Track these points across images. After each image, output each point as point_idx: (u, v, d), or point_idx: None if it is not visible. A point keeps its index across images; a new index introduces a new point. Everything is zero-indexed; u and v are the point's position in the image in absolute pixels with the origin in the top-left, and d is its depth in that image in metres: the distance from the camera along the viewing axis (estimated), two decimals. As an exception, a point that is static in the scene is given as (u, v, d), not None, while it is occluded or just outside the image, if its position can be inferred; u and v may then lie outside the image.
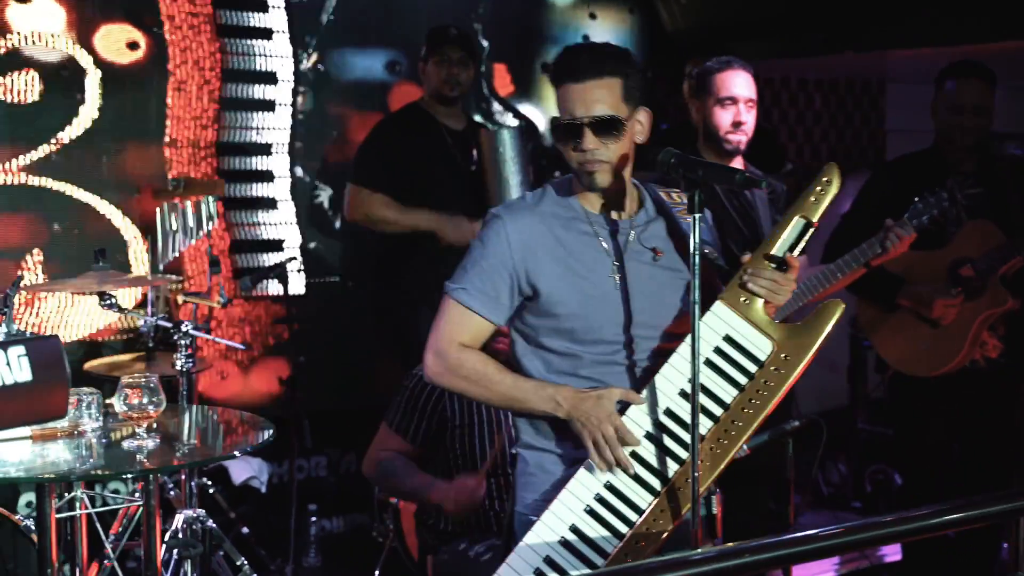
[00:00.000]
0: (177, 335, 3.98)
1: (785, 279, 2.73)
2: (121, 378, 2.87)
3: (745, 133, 4.07)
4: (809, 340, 2.71)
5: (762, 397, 2.71)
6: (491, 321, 2.79)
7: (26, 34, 4.71)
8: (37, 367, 2.13)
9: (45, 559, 2.73)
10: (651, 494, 2.71)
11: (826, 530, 2.43)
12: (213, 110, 5.15)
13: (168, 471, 2.95)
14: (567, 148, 2.74)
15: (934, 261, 4.42)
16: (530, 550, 2.69)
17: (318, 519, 5.24)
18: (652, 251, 2.81)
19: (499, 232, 2.76)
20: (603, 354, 2.77)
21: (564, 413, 2.73)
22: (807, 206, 2.75)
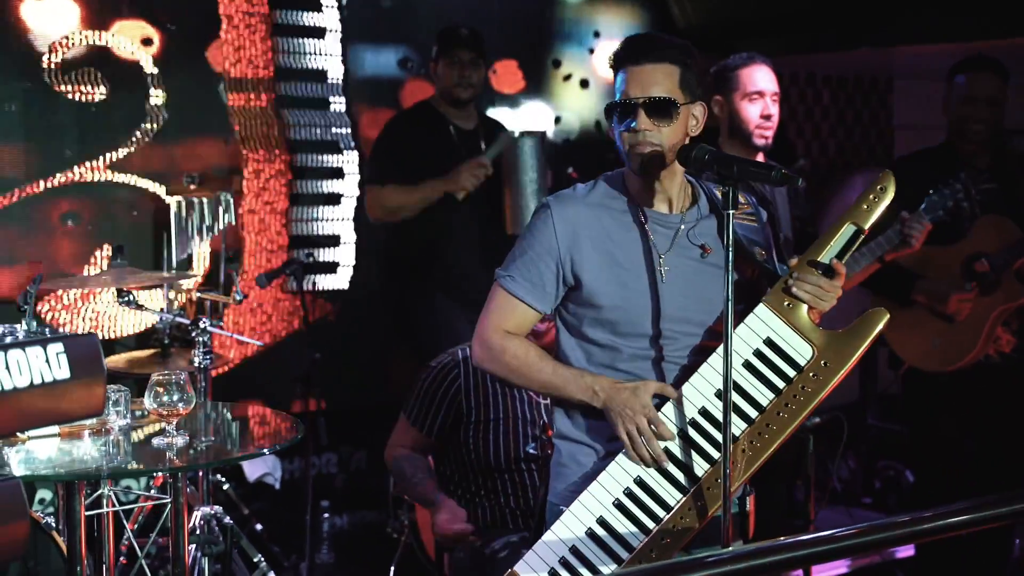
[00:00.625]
0: (195, 332, 3.98)
1: (831, 285, 2.72)
2: (151, 375, 2.86)
3: (773, 127, 4.09)
4: (851, 348, 2.71)
5: (799, 403, 2.69)
6: (536, 309, 2.81)
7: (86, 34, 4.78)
8: (75, 364, 2.11)
9: (75, 556, 2.72)
10: (680, 491, 2.71)
11: (844, 530, 2.40)
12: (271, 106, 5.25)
13: (198, 468, 2.94)
14: (620, 131, 2.74)
15: (949, 256, 4.43)
16: (557, 539, 2.70)
17: (330, 516, 5.23)
18: (700, 247, 2.80)
19: (546, 221, 2.78)
20: (643, 348, 2.77)
21: (600, 402, 2.73)
22: (860, 213, 2.74)
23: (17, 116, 4.73)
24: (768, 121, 4.07)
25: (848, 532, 2.42)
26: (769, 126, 4.08)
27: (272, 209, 5.24)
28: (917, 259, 4.37)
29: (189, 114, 5.07)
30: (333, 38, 5.38)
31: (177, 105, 5.01)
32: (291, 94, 5.31)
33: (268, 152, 5.21)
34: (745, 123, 4.08)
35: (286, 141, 5.27)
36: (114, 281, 3.90)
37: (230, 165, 5.14)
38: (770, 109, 4.07)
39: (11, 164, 4.72)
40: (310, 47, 5.34)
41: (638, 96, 2.71)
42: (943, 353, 4.46)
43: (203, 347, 3.98)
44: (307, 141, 5.35)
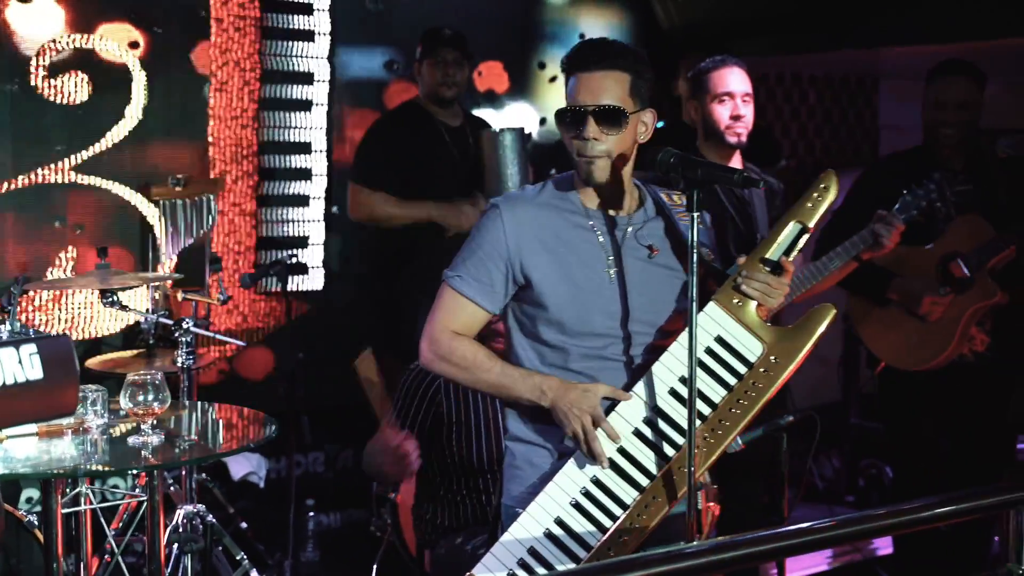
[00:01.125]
0: (178, 332, 4.02)
1: (779, 283, 2.76)
2: (127, 375, 2.90)
3: (745, 126, 4.14)
4: (799, 343, 2.75)
5: (750, 398, 2.75)
6: (485, 309, 2.83)
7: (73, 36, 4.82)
8: (48, 365, 2.16)
9: (51, 553, 2.76)
10: (636, 490, 2.75)
11: (820, 523, 2.45)
12: (253, 110, 5.28)
13: (172, 467, 2.98)
14: (569, 137, 2.78)
15: (924, 256, 4.47)
16: (515, 541, 2.73)
17: (316, 514, 5.27)
18: (648, 248, 2.85)
19: (495, 221, 2.81)
20: (593, 348, 2.80)
21: (548, 402, 2.76)
22: (804, 211, 2.78)
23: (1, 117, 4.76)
24: (739, 121, 4.12)
25: (822, 525, 2.47)
26: (740, 126, 4.13)
27: (240, 211, 5.26)
28: (893, 258, 4.41)
29: (172, 116, 5.10)
30: (322, 41, 5.41)
31: (160, 107, 5.05)
32: (275, 96, 5.33)
33: (237, 153, 5.23)
34: (716, 124, 4.14)
35: (258, 143, 5.29)
36: (98, 282, 3.95)
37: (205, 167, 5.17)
38: (740, 110, 4.12)
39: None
40: (298, 50, 5.37)
41: (588, 104, 2.74)
42: (918, 352, 4.50)
43: (186, 347, 4.03)
44: (278, 142, 5.37)
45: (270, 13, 5.30)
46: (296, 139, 5.42)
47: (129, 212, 5.01)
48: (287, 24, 5.35)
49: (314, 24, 5.41)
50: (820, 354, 6.58)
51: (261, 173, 5.33)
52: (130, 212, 5.01)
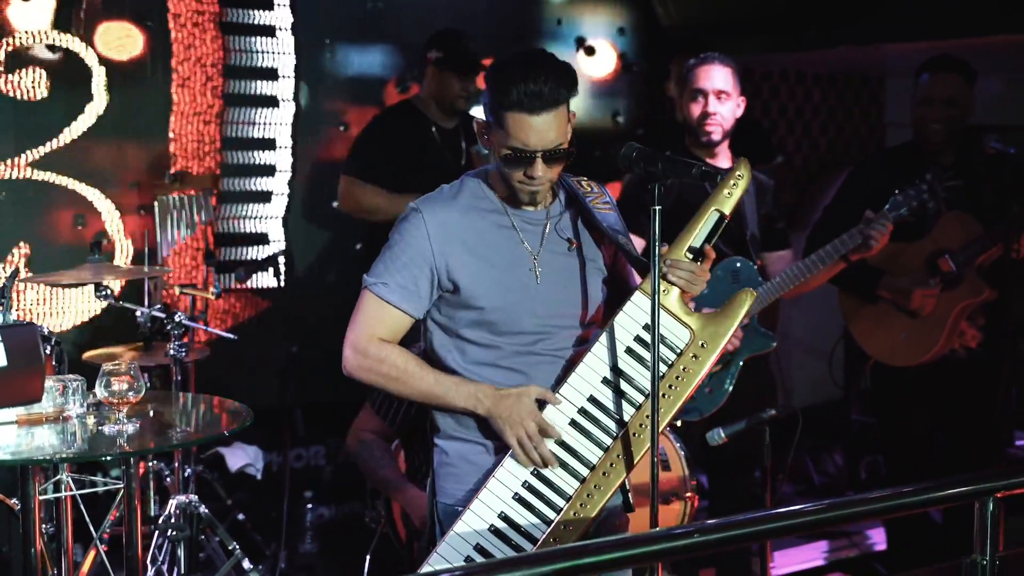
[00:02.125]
0: (170, 325, 4.10)
1: (702, 270, 2.80)
2: (103, 365, 2.97)
3: (718, 123, 4.19)
4: (724, 328, 2.80)
5: (681, 383, 2.79)
6: (410, 315, 2.81)
7: (32, 31, 4.83)
8: (12, 353, 2.23)
9: (28, 539, 2.83)
10: (577, 480, 2.78)
11: (807, 506, 2.48)
12: (218, 106, 5.28)
13: (145, 453, 3.05)
14: (515, 173, 2.75)
15: (913, 252, 4.49)
16: (460, 539, 2.74)
17: (314, 506, 5.33)
18: (568, 241, 2.87)
19: (418, 226, 2.79)
20: (523, 344, 2.82)
21: (484, 410, 2.76)
22: (721, 199, 2.81)
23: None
24: (710, 118, 4.17)
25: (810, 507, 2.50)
26: (711, 123, 4.18)
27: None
28: (882, 255, 4.43)
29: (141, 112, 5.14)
30: (284, 36, 5.43)
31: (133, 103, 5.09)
32: (239, 92, 5.35)
33: (198, 149, 5.25)
34: (690, 121, 4.22)
35: (220, 138, 5.31)
36: (92, 276, 4.02)
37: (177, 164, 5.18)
38: (711, 107, 4.17)
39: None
40: (260, 45, 5.38)
41: (537, 148, 2.71)
42: (908, 348, 4.53)
43: (177, 340, 4.11)
44: (241, 138, 5.37)
45: (229, 8, 5.30)
46: (260, 135, 5.42)
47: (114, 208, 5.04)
48: (247, 19, 5.34)
49: (275, 19, 5.41)
50: (822, 350, 6.66)
51: (223, 170, 5.32)
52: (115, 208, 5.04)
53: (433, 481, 2.90)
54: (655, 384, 2.70)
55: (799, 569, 5.29)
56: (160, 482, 4.44)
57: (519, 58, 2.77)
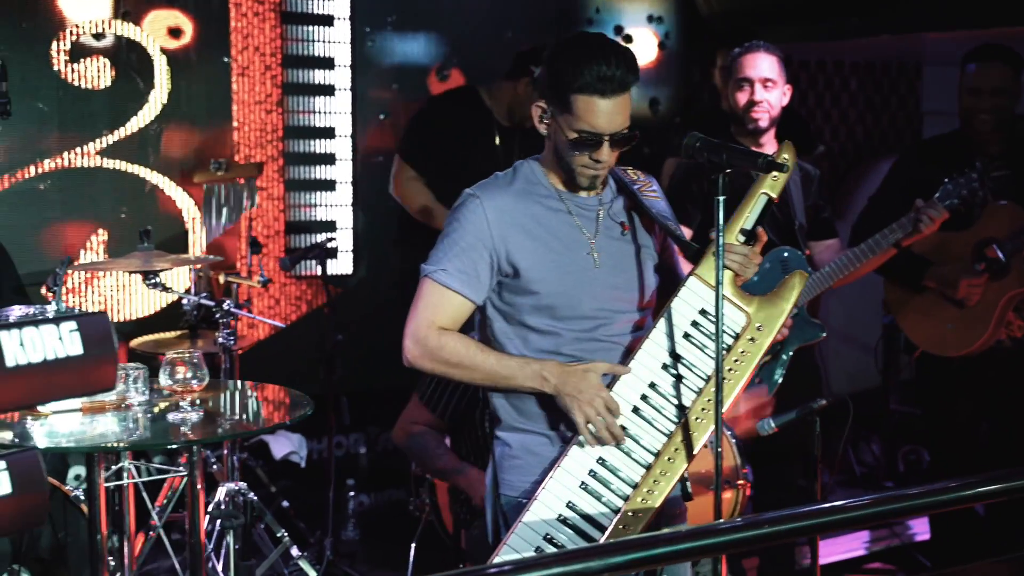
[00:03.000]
0: (219, 313, 4.12)
1: (754, 253, 2.81)
2: (166, 354, 2.99)
3: (765, 111, 4.19)
4: (779, 310, 2.82)
5: (740, 367, 2.80)
6: (471, 300, 2.79)
7: (94, 21, 4.88)
8: (88, 341, 2.22)
9: (95, 526, 2.85)
10: (642, 467, 2.78)
11: (853, 501, 2.47)
12: (277, 95, 5.32)
13: (211, 442, 3.06)
14: (581, 156, 2.76)
15: (960, 242, 4.47)
16: (529, 529, 2.73)
17: (355, 494, 5.35)
18: (620, 225, 2.88)
19: (476, 211, 2.78)
20: (583, 330, 2.81)
21: (551, 388, 2.74)
22: (768, 183, 2.83)
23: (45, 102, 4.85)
24: (756, 107, 4.18)
25: (856, 503, 2.49)
26: (758, 111, 4.19)
27: (268, 195, 5.33)
28: (929, 245, 4.42)
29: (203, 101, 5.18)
30: (342, 25, 5.46)
31: (194, 92, 5.14)
32: (297, 81, 5.39)
33: (261, 137, 5.29)
34: (736, 109, 4.22)
35: (283, 127, 5.35)
36: (142, 264, 4.04)
37: (237, 152, 5.25)
38: (758, 95, 4.18)
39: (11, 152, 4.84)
40: (318, 34, 5.41)
41: (606, 131, 2.73)
42: (955, 338, 4.50)
43: (226, 328, 4.12)
44: (303, 127, 5.41)
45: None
46: (320, 124, 5.46)
47: (158, 196, 5.10)
48: (306, 8, 5.39)
49: (333, 8, 5.44)
50: (859, 340, 6.64)
51: (286, 158, 5.38)
52: (158, 196, 5.10)
53: (495, 474, 2.89)
54: (719, 371, 2.69)
55: (840, 559, 5.28)
56: (206, 469, 4.46)
57: (586, 41, 2.78)
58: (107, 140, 4.97)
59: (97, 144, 4.96)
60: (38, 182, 4.87)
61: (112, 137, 4.98)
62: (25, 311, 3.43)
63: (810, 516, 2.48)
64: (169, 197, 5.11)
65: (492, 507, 2.91)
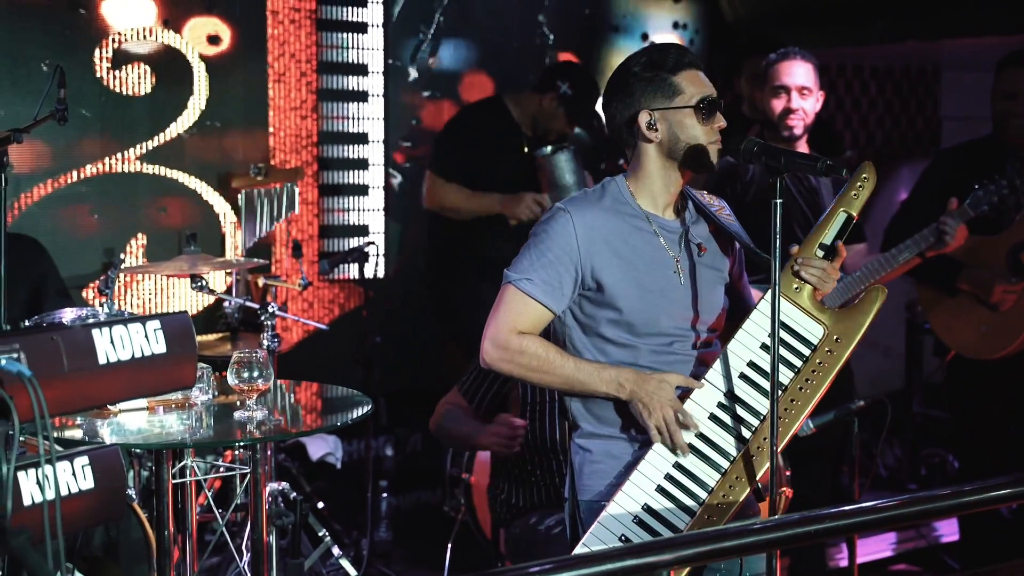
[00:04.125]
0: (264, 316, 4.17)
1: (833, 268, 2.89)
2: (233, 354, 3.04)
3: (800, 119, 4.26)
4: (858, 324, 2.89)
5: (817, 377, 2.87)
6: (552, 310, 2.87)
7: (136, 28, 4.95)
8: (171, 340, 2.29)
9: (162, 522, 2.90)
10: (717, 472, 2.85)
11: (886, 501, 2.54)
12: (312, 101, 5.39)
13: (278, 439, 3.11)
14: (709, 127, 2.87)
15: (994, 246, 4.52)
16: (604, 529, 2.80)
17: (388, 495, 5.39)
18: (698, 247, 2.97)
19: (566, 225, 2.86)
20: (660, 345, 2.89)
21: (626, 394, 2.82)
22: (848, 200, 2.92)
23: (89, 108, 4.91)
24: (792, 115, 4.25)
25: (890, 503, 2.55)
26: (794, 119, 4.25)
27: (302, 199, 5.38)
28: (963, 248, 4.47)
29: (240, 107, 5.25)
30: (376, 33, 5.52)
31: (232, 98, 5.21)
32: (331, 87, 5.46)
33: (297, 143, 5.36)
34: (771, 116, 4.28)
35: (317, 132, 5.41)
36: (188, 267, 4.10)
37: (274, 157, 5.31)
38: (794, 103, 4.24)
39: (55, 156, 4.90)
40: (353, 41, 5.48)
41: (716, 94, 2.90)
42: (988, 341, 4.55)
43: (271, 330, 4.17)
44: (337, 133, 5.48)
45: (325, 5, 5.41)
46: (353, 129, 5.52)
47: (198, 200, 5.16)
48: (341, 16, 5.45)
49: (368, 15, 5.51)
50: (884, 345, 6.67)
51: (321, 163, 5.45)
52: (198, 200, 5.16)
53: (573, 482, 2.95)
54: (774, 375, 2.75)
55: (866, 560, 5.32)
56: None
57: (642, 49, 2.99)
58: (147, 146, 5.04)
59: (138, 150, 5.02)
60: (80, 186, 4.93)
61: (152, 143, 5.04)
62: (77, 314, 3.49)
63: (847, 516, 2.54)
64: (207, 202, 5.18)
65: (571, 513, 2.98)
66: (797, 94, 4.25)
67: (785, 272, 2.89)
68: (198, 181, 5.15)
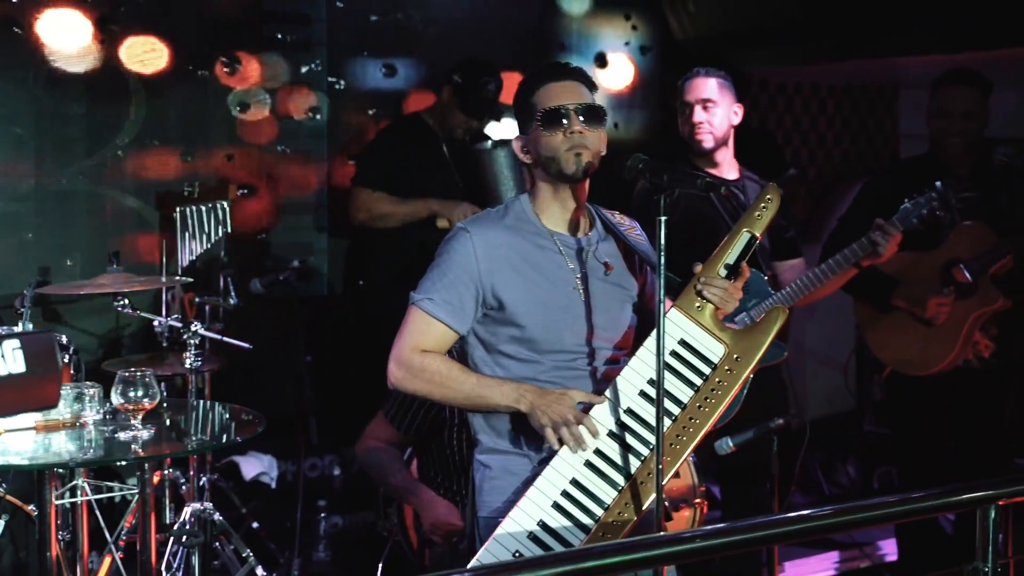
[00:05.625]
0: (187, 335, 4.16)
1: (735, 288, 2.89)
2: (118, 373, 3.02)
3: (708, 131, 4.30)
4: (758, 343, 2.88)
5: (716, 396, 2.86)
6: (455, 330, 2.89)
7: (70, 48, 4.93)
8: (31, 359, 2.27)
9: (44, 543, 2.88)
10: (614, 489, 2.83)
11: (815, 511, 2.53)
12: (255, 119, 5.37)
13: (159, 459, 3.10)
14: (556, 137, 2.85)
15: (928, 262, 4.51)
16: (499, 545, 2.79)
17: (328, 515, 5.37)
18: (604, 265, 2.96)
19: (466, 245, 2.87)
20: (563, 361, 2.90)
21: (527, 405, 2.82)
22: (752, 220, 2.92)
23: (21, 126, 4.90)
24: (697, 128, 4.29)
25: (819, 513, 2.54)
26: (700, 133, 4.30)
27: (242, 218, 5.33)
28: (897, 264, 4.47)
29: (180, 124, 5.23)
30: (319, 52, 5.52)
31: (171, 117, 5.19)
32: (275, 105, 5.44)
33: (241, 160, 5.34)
34: (683, 134, 4.33)
35: (260, 150, 5.40)
36: (111, 286, 4.08)
37: (214, 176, 5.29)
38: (696, 116, 4.29)
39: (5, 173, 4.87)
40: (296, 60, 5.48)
41: (570, 103, 2.86)
42: (922, 357, 4.54)
43: (194, 349, 4.16)
44: (281, 151, 5.46)
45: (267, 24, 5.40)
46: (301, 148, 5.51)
47: (134, 219, 5.14)
48: (286, 35, 5.44)
49: (311, 35, 5.51)
50: (837, 362, 6.65)
51: (264, 181, 5.42)
52: (135, 219, 5.15)
53: (474, 497, 2.96)
54: (659, 390, 2.73)
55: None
56: (176, 490, 4.50)
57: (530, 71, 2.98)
58: (83, 164, 5.01)
59: (74, 168, 5.00)
60: (14, 204, 4.91)
61: (89, 161, 5.02)
62: (-9, 332, 3.48)
63: (773, 525, 2.53)
64: (145, 220, 5.16)
65: (470, 529, 2.99)
66: (700, 108, 4.29)
67: (688, 291, 2.89)
68: (135, 199, 5.13)
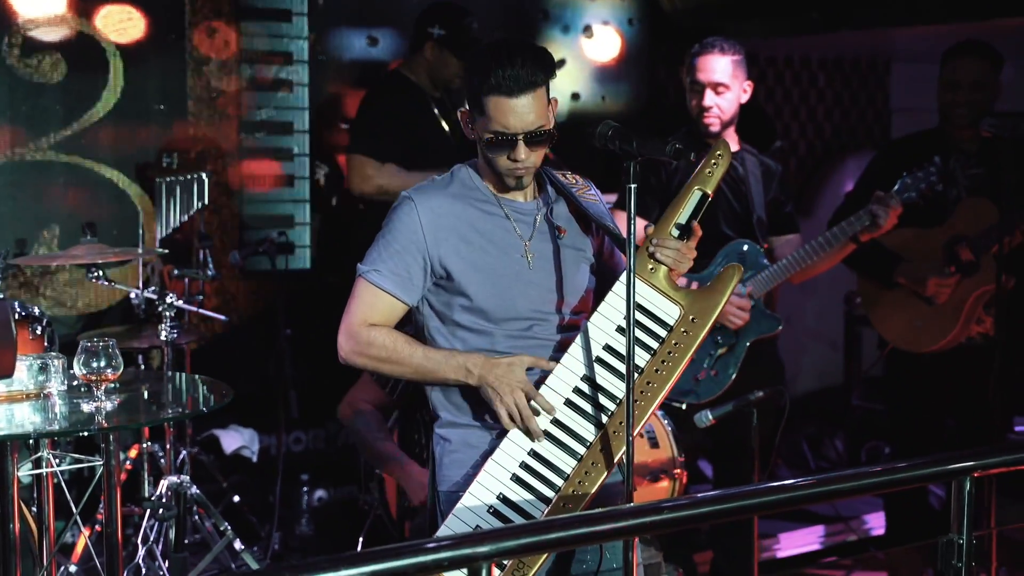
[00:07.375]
0: (162, 307, 4.12)
1: (688, 248, 2.82)
2: (80, 342, 2.99)
3: (716, 116, 4.22)
4: (713, 303, 2.83)
5: (673, 359, 2.81)
6: (403, 301, 2.84)
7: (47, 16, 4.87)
8: (-17, 328, 2.23)
9: (7, 515, 2.84)
10: (574, 458, 2.79)
11: (794, 482, 2.50)
12: (233, 89, 5.30)
13: (120, 429, 3.06)
14: (499, 157, 2.79)
15: (931, 239, 4.48)
16: (459, 521, 2.75)
17: (311, 489, 5.34)
18: (557, 229, 2.91)
19: (410, 214, 2.82)
20: (518, 330, 2.85)
21: (475, 379, 2.78)
22: (703, 178, 2.85)
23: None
24: (707, 112, 4.22)
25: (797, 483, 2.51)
26: (709, 117, 4.23)
27: (222, 189, 5.29)
28: (900, 241, 4.44)
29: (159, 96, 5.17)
30: (299, 21, 5.45)
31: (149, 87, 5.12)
32: (254, 75, 5.37)
33: (221, 132, 5.28)
34: (690, 111, 4.25)
35: (240, 121, 5.33)
36: (84, 257, 4.04)
37: (193, 147, 5.23)
38: (707, 101, 4.21)
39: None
40: (276, 30, 5.39)
41: (518, 130, 2.75)
42: (924, 334, 4.52)
43: (169, 321, 4.12)
44: (261, 122, 5.39)
45: None
46: (278, 119, 5.44)
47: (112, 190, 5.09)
48: (265, 4, 5.36)
49: (291, 3, 5.43)
50: (829, 338, 6.62)
51: (242, 153, 5.36)
52: (113, 190, 5.09)
53: (434, 470, 2.91)
54: (630, 362, 2.70)
55: (795, 553, 5.30)
56: (155, 464, 4.47)
57: (495, 45, 2.80)
58: (60, 135, 4.96)
59: (50, 139, 4.95)
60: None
61: (66, 131, 4.97)
62: (-39, 303, 3.43)
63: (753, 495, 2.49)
64: (123, 192, 5.11)
65: (431, 504, 2.94)
66: (712, 91, 4.21)
67: (640, 253, 2.83)
68: (113, 171, 5.08)
